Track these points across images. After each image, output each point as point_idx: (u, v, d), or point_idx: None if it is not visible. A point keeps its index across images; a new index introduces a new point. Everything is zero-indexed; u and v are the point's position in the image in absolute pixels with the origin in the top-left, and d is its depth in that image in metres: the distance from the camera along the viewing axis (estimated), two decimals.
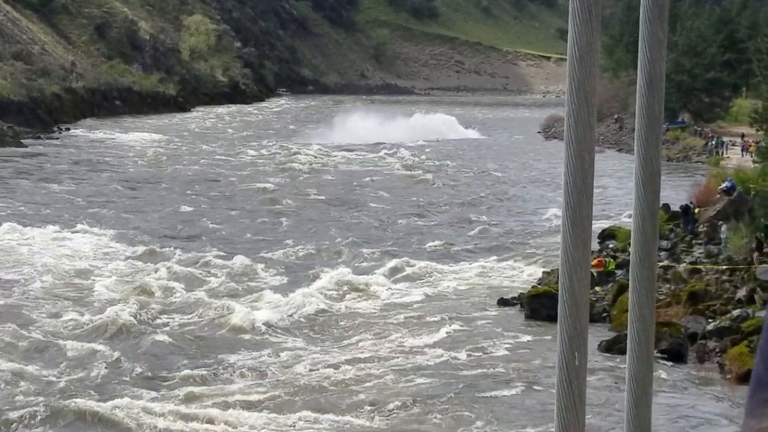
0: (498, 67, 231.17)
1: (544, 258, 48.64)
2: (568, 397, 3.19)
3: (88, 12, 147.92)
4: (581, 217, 3.15)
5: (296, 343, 35.48)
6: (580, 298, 3.23)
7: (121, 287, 41.45)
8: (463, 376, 31.99)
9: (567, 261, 3.21)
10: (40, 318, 36.62)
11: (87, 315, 37.36)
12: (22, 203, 60.51)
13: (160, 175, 75.95)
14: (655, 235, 3.60)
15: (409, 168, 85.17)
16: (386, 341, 35.67)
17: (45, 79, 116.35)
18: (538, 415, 28.35)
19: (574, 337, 3.21)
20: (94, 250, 48.53)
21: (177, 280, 43.24)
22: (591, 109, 3.10)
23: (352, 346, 35.12)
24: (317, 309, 39.37)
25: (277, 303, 39.77)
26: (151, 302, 39.71)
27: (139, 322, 36.69)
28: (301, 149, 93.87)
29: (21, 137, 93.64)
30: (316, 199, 67.09)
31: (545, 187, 76.01)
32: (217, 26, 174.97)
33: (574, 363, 3.20)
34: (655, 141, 3.60)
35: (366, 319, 38.48)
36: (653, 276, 3.64)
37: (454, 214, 62.86)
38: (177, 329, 36.42)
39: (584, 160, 3.09)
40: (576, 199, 3.16)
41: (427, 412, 28.50)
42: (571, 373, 3.20)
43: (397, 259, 48.40)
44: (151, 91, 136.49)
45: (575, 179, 3.13)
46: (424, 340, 35.75)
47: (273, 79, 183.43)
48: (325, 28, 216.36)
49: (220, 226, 56.11)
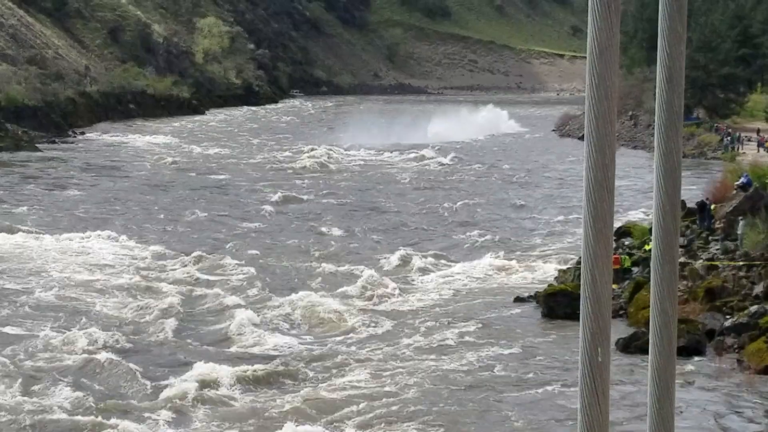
0: (511, 65, 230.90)
1: (559, 256, 48.60)
2: (591, 394, 3.18)
3: (102, 16, 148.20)
4: (603, 212, 3.15)
5: (312, 346, 35.51)
6: (603, 294, 3.22)
7: (137, 293, 41.51)
8: (481, 375, 31.95)
9: (589, 256, 3.20)
10: (59, 322, 36.69)
11: (104, 320, 37.44)
12: (38, 207, 60.64)
13: (176, 178, 76.05)
14: (676, 229, 3.59)
15: (429, 169, 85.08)
16: (404, 341, 35.65)
17: (59, 83, 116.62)
18: (559, 413, 28.31)
19: (597, 334, 3.20)
20: (111, 255, 48.59)
21: (195, 284, 43.31)
22: (611, 104, 3.10)
23: (368, 347, 35.11)
24: (335, 309, 39.36)
25: (295, 304, 39.76)
26: (166, 306, 39.75)
27: (155, 328, 36.76)
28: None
29: (36, 142, 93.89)
30: (335, 201, 67.18)
31: (561, 186, 75.89)
32: (230, 28, 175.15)
33: (597, 359, 3.19)
34: (675, 135, 3.60)
35: (383, 319, 38.45)
36: (675, 270, 3.63)
37: (470, 213, 62.79)
38: (197, 334, 36.47)
39: (605, 155, 3.09)
40: (597, 194, 3.15)
41: (447, 412, 28.47)
42: (594, 369, 3.19)
43: (413, 258, 48.40)
44: (165, 93, 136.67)
45: (596, 174, 3.12)
46: (442, 339, 35.72)
47: (287, 81, 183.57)
48: (338, 29, 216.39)
49: (240, 231, 56.15)
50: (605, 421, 3.19)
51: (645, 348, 22.41)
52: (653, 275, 3.63)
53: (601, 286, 3.21)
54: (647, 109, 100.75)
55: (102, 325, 36.46)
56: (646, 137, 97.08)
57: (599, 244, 3.18)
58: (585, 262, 3.23)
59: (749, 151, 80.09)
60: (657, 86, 3.62)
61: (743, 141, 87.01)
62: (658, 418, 3.63)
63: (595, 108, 3.09)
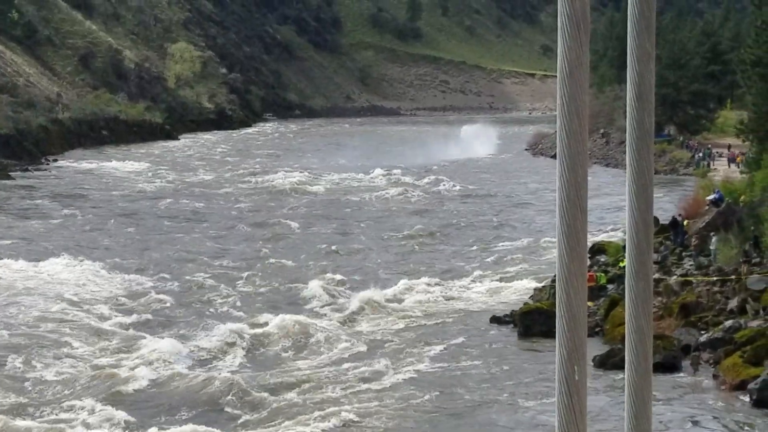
0: (483, 85, 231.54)
1: (535, 275, 48.68)
2: (569, 412, 3.18)
3: (72, 43, 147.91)
4: (576, 231, 3.16)
5: (289, 362, 35.47)
6: (578, 312, 3.23)
7: (114, 318, 41.37)
8: (457, 395, 31.93)
9: (563, 275, 3.21)
10: (36, 352, 36.49)
11: (81, 346, 37.26)
12: (11, 236, 60.33)
13: (149, 205, 75.83)
14: (649, 246, 3.61)
15: (403, 189, 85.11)
16: (379, 362, 35.60)
17: (31, 111, 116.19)
18: (536, 431, 28.32)
19: (573, 352, 3.21)
20: (85, 283, 48.38)
21: (169, 308, 43.19)
22: (583, 123, 3.11)
23: (341, 367, 35.06)
24: (309, 330, 39.29)
25: (277, 324, 39.73)
26: (141, 330, 39.63)
27: (130, 351, 36.61)
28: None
29: (9, 170, 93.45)
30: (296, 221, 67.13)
31: (536, 205, 76.04)
32: (202, 53, 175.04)
33: (574, 377, 3.20)
34: (646, 153, 3.61)
35: (356, 341, 38.40)
36: (649, 287, 3.64)
37: (443, 234, 62.83)
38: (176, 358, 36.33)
39: (577, 173, 3.10)
40: (570, 213, 3.16)
41: (416, 429, 28.45)
42: (572, 387, 3.19)
43: (388, 280, 48.40)
44: (138, 119, 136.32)
45: (569, 193, 3.13)
46: (418, 359, 35.69)
47: (259, 104, 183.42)
48: (310, 52, 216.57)
49: (215, 253, 56.04)
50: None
51: (621, 365, 22.41)
52: (627, 292, 3.64)
53: (576, 304, 3.22)
54: (619, 127, 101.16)
55: (82, 348, 36.29)
56: (618, 155, 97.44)
57: (573, 262, 3.19)
58: (560, 280, 3.24)
59: (720, 167, 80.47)
60: (627, 104, 3.64)
61: (714, 157, 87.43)
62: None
63: (566, 126, 3.11)
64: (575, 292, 3.23)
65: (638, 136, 3.64)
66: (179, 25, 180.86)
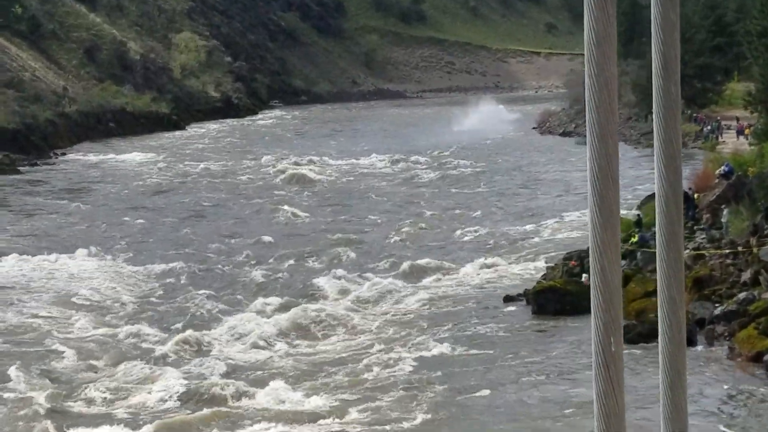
0: (488, 65, 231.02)
1: (547, 254, 48.69)
2: (606, 383, 3.19)
3: (77, 36, 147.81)
4: (608, 201, 3.15)
5: (302, 346, 35.54)
6: (613, 283, 3.22)
7: (124, 310, 41.48)
8: (476, 374, 31.98)
9: (597, 246, 3.21)
10: (50, 345, 36.61)
11: (94, 337, 37.38)
12: (20, 230, 60.44)
13: (159, 196, 75.88)
14: (679, 216, 3.60)
15: (411, 172, 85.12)
16: (396, 344, 35.66)
17: (38, 105, 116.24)
18: (556, 407, 28.34)
19: (609, 323, 3.21)
20: (97, 274, 48.50)
21: (181, 298, 43.28)
22: (612, 93, 3.10)
23: (357, 347, 35.11)
24: (330, 313, 39.35)
25: (289, 310, 39.79)
26: (155, 321, 39.74)
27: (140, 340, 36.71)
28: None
29: (17, 165, 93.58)
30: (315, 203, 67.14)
31: (545, 185, 75.99)
32: (207, 42, 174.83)
33: (611, 349, 3.20)
34: (673, 122, 3.60)
35: (372, 323, 38.46)
36: (680, 256, 3.64)
37: (454, 215, 62.81)
38: (188, 347, 36.42)
39: (608, 144, 3.09)
40: (602, 183, 3.15)
41: (445, 411, 28.48)
42: (608, 359, 3.19)
43: (402, 262, 48.44)
44: (145, 110, 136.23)
45: (600, 164, 3.13)
46: (433, 340, 35.74)
47: (265, 92, 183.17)
48: (314, 38, 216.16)
49: (226, 242, 56.09)
50: (621, 410, 3.20)
51: (636, 340, 22.37)
52: (659, 263, 3.63)
53: (610, 275, 3.22)
54: (626, 103, 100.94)
55: (83, 347, 36.42)
56: (626, 130, 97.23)
57: (606, 232, 3.18)
58: (593, 252, 3.23)
59: (729, 140, 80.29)
60: (653, 74, 3.63)
61: (723, 129, 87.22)
62: (671, 404, 3.64)
63: (595, 98, 3.10)
64: (609, 263, 3.22)
65: (665, 105, 3.63)
66: (183, 15, 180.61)
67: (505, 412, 28.33)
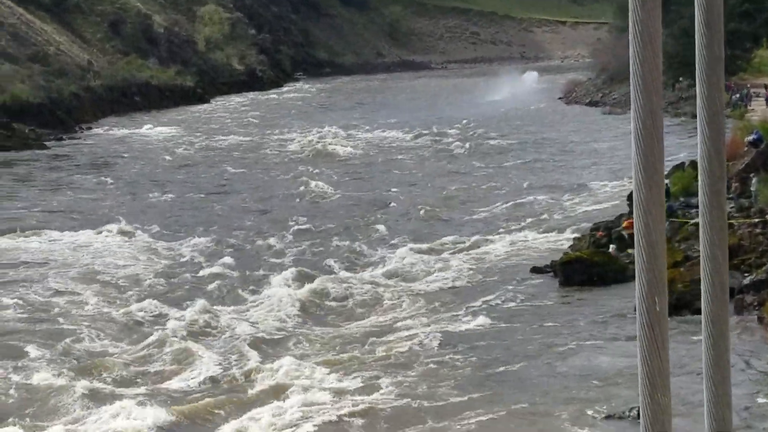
0: (514, 35, 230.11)
1: (574, 225, 48.59)
2: (651, 344, 3.16)
3: (101, 9, 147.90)
4: (653, 159, 3.11)
5: (324, 324, 35.63)
6: (657, 242, 3.19)
7: (153, 286, 41.62)
8: (506, 345, 31.98)
9: (641, 205, 3.17)
10: (81, 323, 36.78)
11: (129, 315, 37.54)
12: (47, 205, 60.67)
13: (185, 170, 76.03)
14: (722, 175, 3.57)
15: (436, 144, 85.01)
16: (423, 315, 35.70)
17: (63, 79, 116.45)
18: (586, 378, 28.32)
19: (653, 282, 3.17)
20: (125, 249, 48.68)
21: (207, 274, 43.40)
22: (656, 50, 3.06)
23: (383, 322, 35.17)
24: (352, 287, 39.42)
25: (318, 286, 39.88)
26: (179, 297, 39.88)
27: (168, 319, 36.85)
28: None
29: (43, 139, 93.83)
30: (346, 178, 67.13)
31: (571, 155, 75.77)
32: (231, 14, 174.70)
33: (655, 308, 3.17)
34: (716, 80, 3.56)
35: (400, 297, 38.48)
36: (723, 216, 3.60)
37: (480, 188, 62.72)
38: (220, 324, 36.55)
39: (652, 101, 3.06)
40: (646, 141, 3.12)
41: (468, 386, 28.50)
42: (653, 318, 3.17)
43: (429, 234, 48.44)
44: (169, 84, 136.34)
45: (644, 122, 3.09)
46: (460, 313, 35.76)
47: (289, 64, 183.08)
48: (338, 9, 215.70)
49: (256, 216, 56.18)
50: (666, 370, 3.17)
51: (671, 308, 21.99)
52: (701, 223, 3.60)
53: (654, 233, 3.18)
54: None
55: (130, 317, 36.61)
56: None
57: (651, 190, 3.15)
58: (637, 211, 3.20)
59: (758, 107, 79.78)
60: (696, 33, 3.59)
61: (751, 97, 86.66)
62: (714, 364, 3.61)
63: (639, 55, 3.06)
64: (653, 222, 3.19)
65: (708, 63, 3.59)
66: None
67: (534, 383, 28.33)
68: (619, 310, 34.41)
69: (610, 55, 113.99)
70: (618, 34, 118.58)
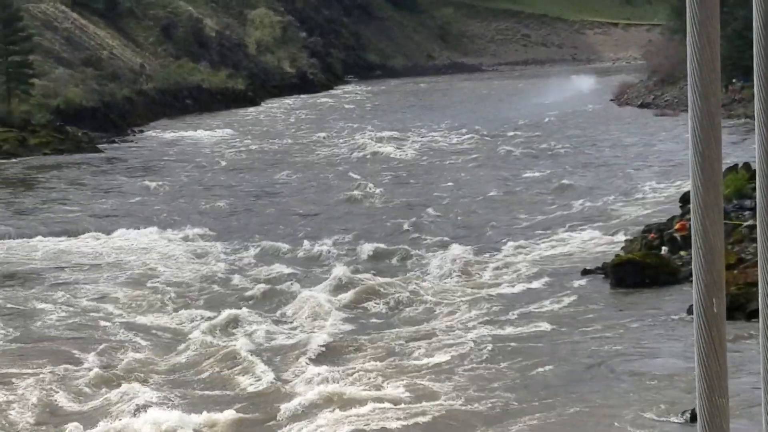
0: (565, 37, 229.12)
1: (624, 228, 48.33)
2: (708, 345, 3.14)
3: (154, 13, 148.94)
4: (711, 160, 3.10)
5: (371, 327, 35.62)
6: (715, 244, 3.17)
7: (200, 289, 41.79)
8: (558, 346, 31.86)
9: (698, 205, 3.15)
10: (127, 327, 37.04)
11: (176, 320, 37.76)
12: (101, 208, 61.16)
13: (236, 173, 76.35)
14: None
15: (487, 148, 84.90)
16: (471, 317, 35.62)
17: (116, 83, 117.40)
18: (639, 380, 28.16)
19: (711, 284, 3.16)
20: (173, 252, 48.95)
21: (254, 277, 43.54)
22: (714, 51, 3.05)
23: (430, 325, 35.11)
24: (400, 288, 39.41)
25: (365, 289, 39.91)
26: (225, 300, 40.05)
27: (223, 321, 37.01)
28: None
29: (96, 142, 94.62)
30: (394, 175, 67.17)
31: (624, 157, 75.38)
32: (282, 18, 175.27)
33: (713, 309, 3.15)
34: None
35: (449, 297, 38.42)
36: None
37: (530, 190, 62.53)
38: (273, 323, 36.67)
39: (710, 102, 3.04)
40: (704, 142, 3.10)
41: (518, 389, 28.40)
42: (710, 320, 3.15)
43: (479, 235, 48.36)
44: (221, 87, 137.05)
45: (702, 122, 3.08)
46: (509, 315, 35.65)
47: (340, 67, 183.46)
48: (389, 12, 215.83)
49: (306, 220, 56.33)
50: (724, 372, 3.16)
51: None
52: (759, 225, 3.57)
53: (712, 234, 3.17)
54: None
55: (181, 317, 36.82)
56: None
57: (708, 193, 3.13)
58: (694, 212, 3.18)
59: None
60: (754, 33, 3.56)
61: None
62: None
63: (697, 55, 3.04)
64: (711, 223, 3.17)
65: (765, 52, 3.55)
66: None
67: (588, 386, 28.19)
68: (671, 312, 34.21)
69: (662, 57, 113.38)
70: (670, 35, 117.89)
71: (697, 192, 3.16)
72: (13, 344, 34.06)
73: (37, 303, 38.81)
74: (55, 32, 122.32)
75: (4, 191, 68.90)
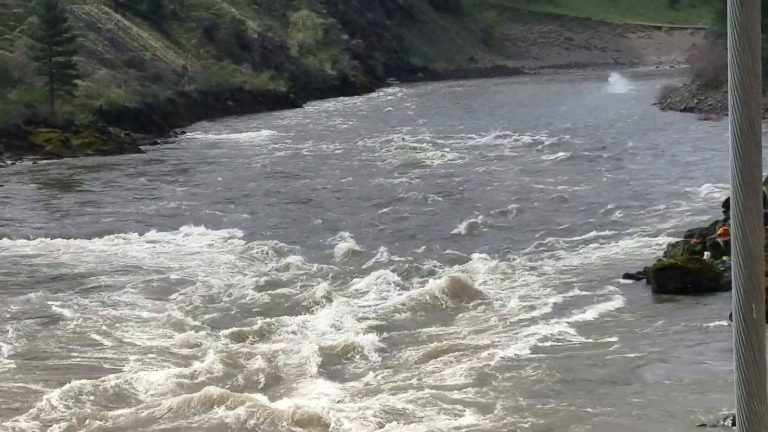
0: (608, 41, 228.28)
1: (667, 232, 48.09)
2: (747, 351, 3.12)
3: (197, 15, 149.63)
4: (751, 165, 3.08)
5: (407, 335, 35.58)
6: (754, 249, 3.15)
7: (244, 298, 41.91)
8: (593, 354, 31.74)
9: (738, 211, 3.14)
10: (161, 330, 37.20)
11: (211, 324, 37.90)
12: (143, 209, 61.51)
13: (274, 176, 76.52)
14: None
15: (528, 152, 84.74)
16: (513, 323, 35.56)
17: (158, 84, 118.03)
18: (682, 386, 28.02)
19: (750, 290, 3.14)
20: (211, 256, 49.14)
21: (303, 281, 43.63)
22: (755, 55, 3.03)
23: (468, 332, 35.06)
24: (432, 297, 39.35)
25: (400, 296, 39.88)
26: (268, 307, 40.14)
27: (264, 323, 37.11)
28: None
29: (138, 143, 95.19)
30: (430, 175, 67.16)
31: (667, 161, 75.02)
32: (324, 20, 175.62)
33: (752, 315, 3.13)
34: None
35: (488, 304, 38.36)
36: None
37: (571, 194, 62.33)
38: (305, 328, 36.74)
39: (751, 107, 3.02)
40: (744, 147, 3.08)
41: (561, 397, 28.31)
42: (749, 325, 3.13)
43: (520, 240, 48.25)
44: (262, 89, 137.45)
45: (742, 128, 3.06)
46: (551, 320, 35.54)
47: (382, 70, 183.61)
48: (432, 15, 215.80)
49: (346, 225, 56.39)
50: (763, 378, 3.14)
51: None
52: None
53: (752, 240, 3.15)
54: None
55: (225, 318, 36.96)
56: None
57: (748, 197, 3.11)
58: (734, 217, 3.16)
59: None
60: None
61: None
62: None
63: (738, 59, 3.03)
64: (751, 229, 3.15)
65: None
66: None
67: (627, 392, 28.07)
68: (713, 318, 34.01)
69: (706, 61, 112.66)
70: (714, 39, 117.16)
71: (737, 197, 3.14)
72: (39, 348, 34.22)
73: (65, 305, 38.87)
74: (98, 33, 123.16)
75: (46, 192, 69.45)
